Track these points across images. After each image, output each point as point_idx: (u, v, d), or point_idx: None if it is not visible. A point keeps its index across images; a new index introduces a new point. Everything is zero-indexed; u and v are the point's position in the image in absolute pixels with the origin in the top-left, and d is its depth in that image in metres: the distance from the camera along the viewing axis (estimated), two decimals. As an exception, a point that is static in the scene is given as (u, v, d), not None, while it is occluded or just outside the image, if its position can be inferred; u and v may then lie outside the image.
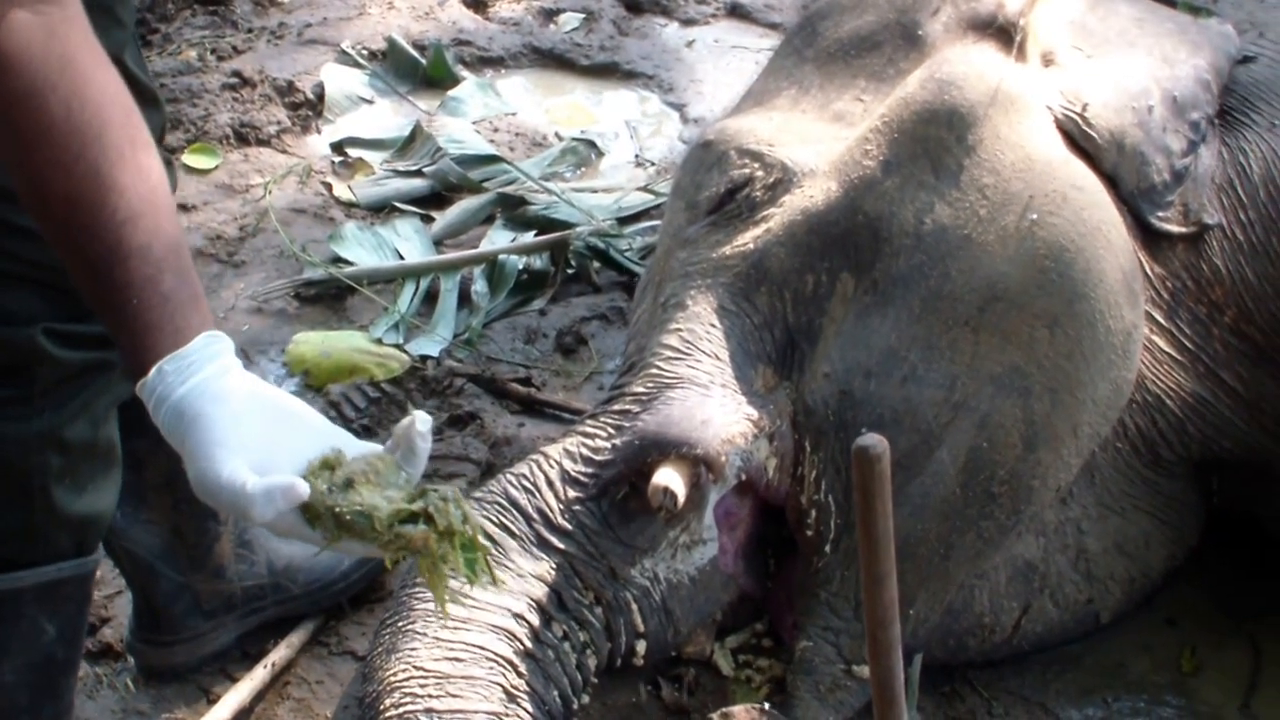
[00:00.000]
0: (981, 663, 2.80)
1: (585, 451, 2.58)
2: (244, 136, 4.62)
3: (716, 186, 2.81)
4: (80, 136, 1.67)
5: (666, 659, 2.70)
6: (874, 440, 1.92)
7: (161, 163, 1.77)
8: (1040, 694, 2.80)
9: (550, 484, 2.57)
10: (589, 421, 2.64)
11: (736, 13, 5.59)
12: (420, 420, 1.75)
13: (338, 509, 1.66)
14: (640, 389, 2.61)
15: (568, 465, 2.58)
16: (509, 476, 2.60)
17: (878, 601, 2.02)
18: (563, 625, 2.48)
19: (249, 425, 1.67)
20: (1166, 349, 2.80)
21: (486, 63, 5.23)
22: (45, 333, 2.02)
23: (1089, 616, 2.84)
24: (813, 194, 2.68)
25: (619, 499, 2.55)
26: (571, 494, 2.55)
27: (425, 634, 2.39)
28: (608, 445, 2.56)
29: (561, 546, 2.52)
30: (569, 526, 2.53)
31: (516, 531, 2.52)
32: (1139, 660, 2.89)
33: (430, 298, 3.87)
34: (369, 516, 1.67)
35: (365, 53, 5.17)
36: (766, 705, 2.51)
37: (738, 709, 2.44)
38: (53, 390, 2.06)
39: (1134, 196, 2.75)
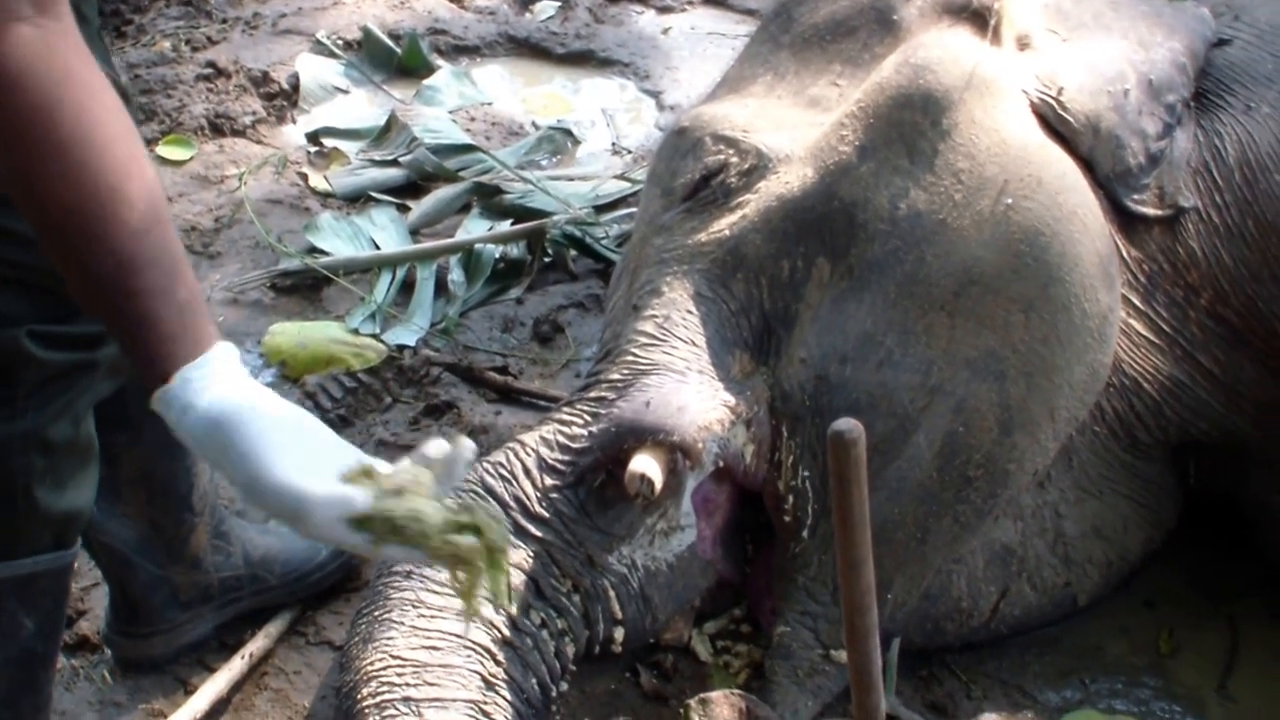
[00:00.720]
0: (959, 646, 2.80)
1: (562, 439, 2.57)
2: (219, 127, 4.61)
3: (692, 173, 2.80)
4: (88, 150, 1.66)
5: (645, 646, 2.70)
6: (849, 425, 1.92)
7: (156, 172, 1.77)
8: (1018, 677, 2.81)
9: (527, 472, 2.56)
10: (565, 409, 2.63)
11: (712, -1, 5.60)
12: (468, 448, 1.78)
13: (392, 514, 1.69)
14: (616, 376, 2.60)
15: (544, 453, 2.57)
16: (486, 465, 2.59)
17: (855, 586, 2.02)
18: (541, 613, 2.48)
19: (291, 434, 1.70)
20: (1143, 332, 2.81)
21: (462, 51, 5.22)
22: (29, 334, 2.01)
23: (1067, 599, 2.85)
24: (788, 180, 2.68)
25: (596, 486, 2.54)
26: (548, 482, 2.54)
27: (402, 623, 2.38)
28: (584, 432, 2.55)
29: (539, 534, 2.52)
30: (546, 514, 2.53)
31: (493, 519, 2.51)
32: (1117, 642, 2.90)
33: (407, 287, 3.86)
34: (421, 522, 1.70)
35: (340, 42, 5.15)
36: (745, 691, 2.51)
37: (716, 695, 2.44)
38: (36, 391, 2.05)
39: (1110, 180, 2.76)
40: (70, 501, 2.14)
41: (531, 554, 2.50)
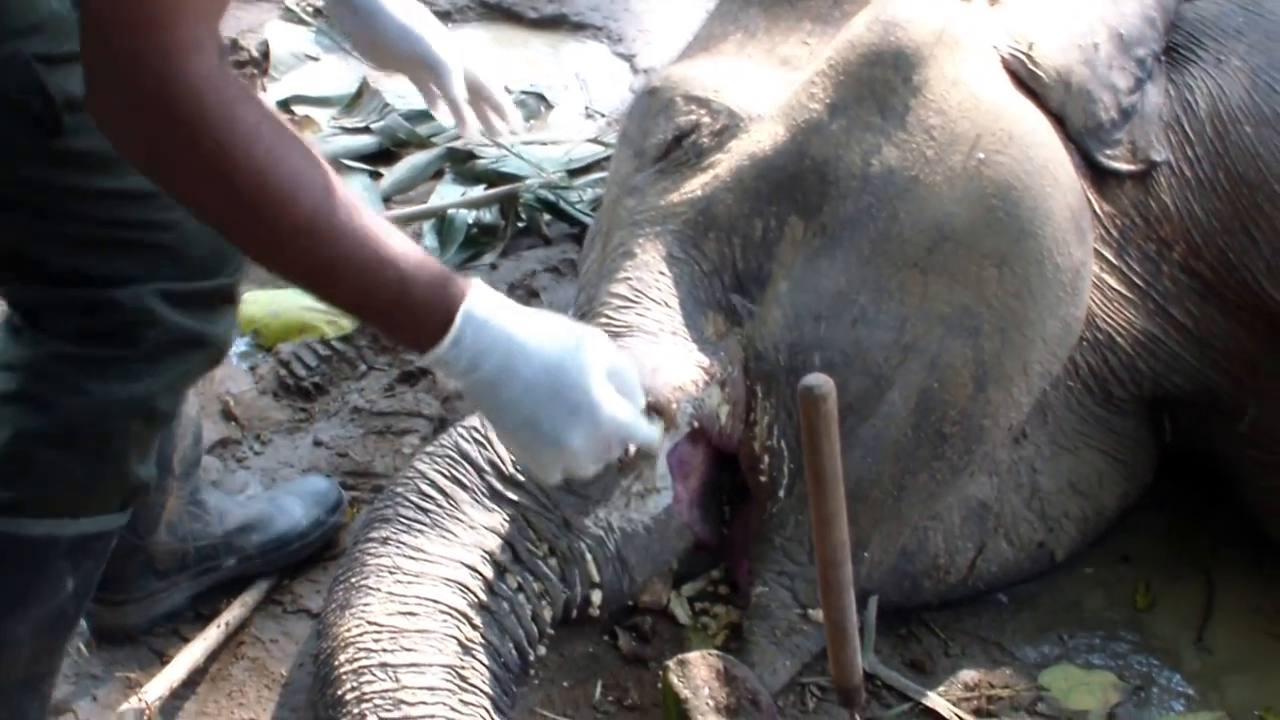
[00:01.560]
0: (937, 604, 2.81)
1: (535, 402, 2.56)
2: (189, 96, 4.56)
3: (663, 134, 2.79)
4: (290, 137, 1.67)
5: (623, 609, 2.69)
6: (819, 380, 1.92)
7: None
8: (997, 633, 2.81)
9: (502, 436, 2.55)
10: (539, 372, 2.62)
11: (685, -38, 5.56)
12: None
13: None
14: (590, 339, 2.59)
15: (519, 417, 2.55)
16: (460, 430, 2.58)
17: (828, 542, 2.02)
18: (517, 577, 2.47)
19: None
20: (1116, 287, 2.81)
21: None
22: (157, 294, 2.05)
23: (1043, 555, 2.86)
24: (759, 139, 2.67)
25: (571, 449, 2.53)
26: (523, 445, 2.53)
27: (379, 589, 2.37)
28: (558, 395, 2.54)
29: (514, 498, 2.50)
30: (521, 478, 2.51)
31: (468, 484, 2.50)
32: (1094, 597, 2.91)
33: (380, 254, 3.83)
34: None
35: (310, 9, 5.11)
36: (723, 652, 2.51)
37: (694, 656, 2.45)
38: (154, 357, 2.08)
39: (1081, 135, 2.76)
40: (148, 471, 2.18)
41: (507, 518, 2.49)
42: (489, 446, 2.53)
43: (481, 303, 1.75)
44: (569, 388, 1.80)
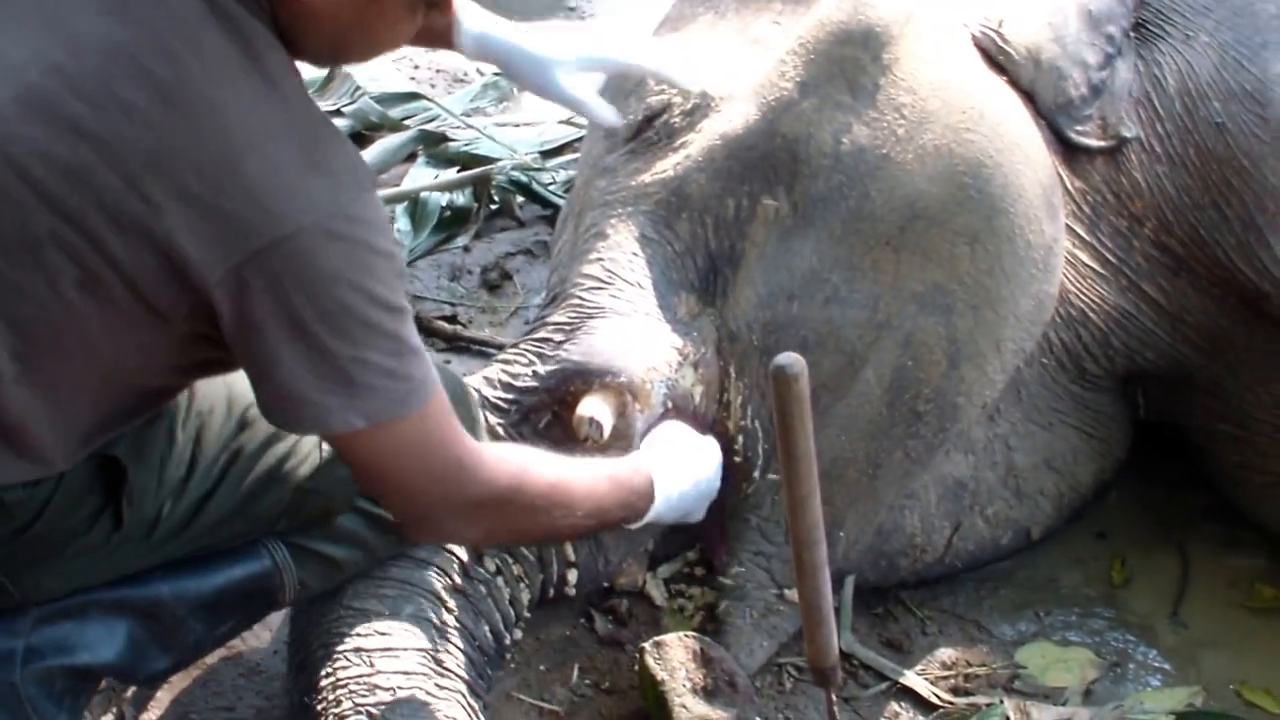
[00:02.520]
0: (914, 583, 2.82)
1: (505, 378, 2.54)
2: (158, 84, 4.54)
3: (635, 114, 2.78)
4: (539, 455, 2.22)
5: (599, 591, 2.69)
6: (791, 359, 1.92)
7: None
8: (974, 611, 2.82)
9: (471, 413, 2.54)
10: (510, 350, 2.61)
11: (657, -58, 5.54)
12: None
13: None
14: (562, 319, 2.58)
15: (487, 392, 2.54)
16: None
17: (802, 522, 2.02)
18: (495, 559, 2.46)
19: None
20: (1089, 263, 2.81)
21: (404, -1, 5.16)
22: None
23: (1019, 533, 2.86)
24: (731, 118, 2.66)
25: (542, 427, 2.52)
26: (492, 420, 2.51)
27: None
28: (528, 371, 2.53)
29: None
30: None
31: (443, 468, 2.49)
32: (1070, 574, 2.92)
33: (353, 238, 3.82)
34: None
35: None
36: (699, 633, 2.51)
37: (670, 638, 2.44)
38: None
39: (1052, 112, 2.76)
40: None
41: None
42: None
43: (660, 473, 2.37)
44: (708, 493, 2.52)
